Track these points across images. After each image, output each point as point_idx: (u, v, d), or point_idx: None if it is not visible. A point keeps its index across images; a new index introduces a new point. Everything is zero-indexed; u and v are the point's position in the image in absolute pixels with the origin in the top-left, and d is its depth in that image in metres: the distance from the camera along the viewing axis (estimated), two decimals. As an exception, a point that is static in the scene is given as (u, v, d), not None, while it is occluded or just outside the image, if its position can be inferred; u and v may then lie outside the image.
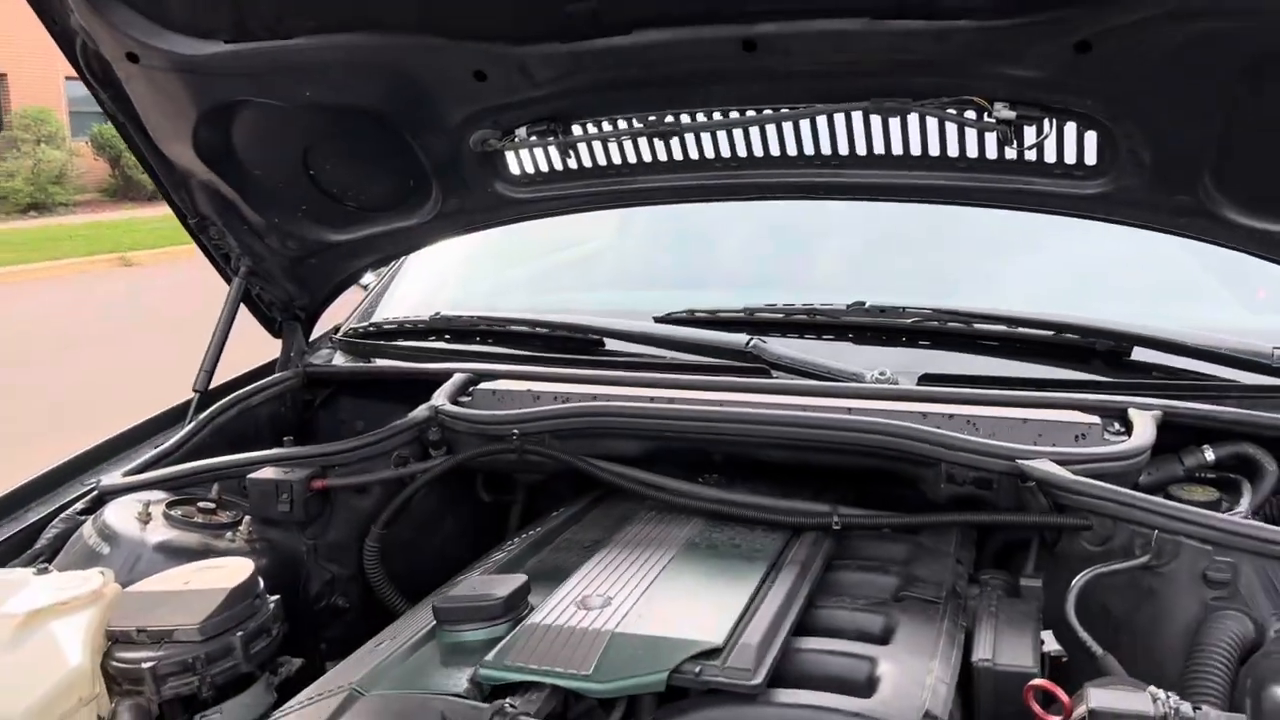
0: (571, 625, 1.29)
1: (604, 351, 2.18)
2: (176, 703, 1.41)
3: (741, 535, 1.61)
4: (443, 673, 1.27)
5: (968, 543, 1.65)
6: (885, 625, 1.38)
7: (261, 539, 1.74)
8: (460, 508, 2.05)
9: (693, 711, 1.21)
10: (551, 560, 1.60)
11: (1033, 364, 1.91)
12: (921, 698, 1.18)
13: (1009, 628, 1.36)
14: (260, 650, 1.46)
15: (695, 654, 1.21)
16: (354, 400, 2.33)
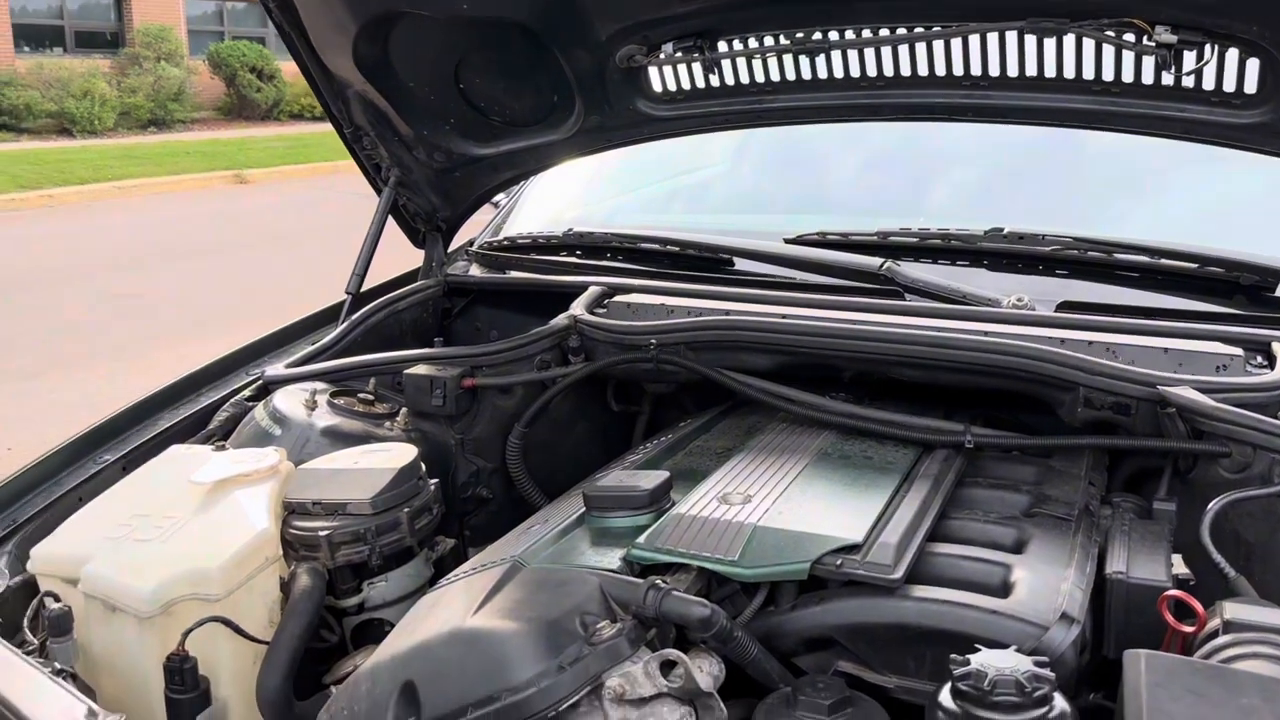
0: (715, 517, 1.37)
1: (734, 271, 2.23)
2: (347, 569, 1.54)
3: (873, 449, 1.66)
4: (594, 552, 1.36)
5: (1099, 467, 1.68)
6: (1018, 537, 1.42)
7: (416, 430, 1.86)
8: (592, 414, 2.14)
9: (833, 601, 1.28)
10: (685, 463, 1.68)
11: (1174, 296, 1.89)
12: (1058, 601, 1.22)
13: (1142, 545, 1.39)
14: (423, 527, 1.58)
15: (835, 549, 1.28)
16: (489, 310, 2.43)
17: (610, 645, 1.16)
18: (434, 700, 1.18)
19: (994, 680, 1.04)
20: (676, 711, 1.12)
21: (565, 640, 1.17)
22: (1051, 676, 1.05)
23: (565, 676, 1.13)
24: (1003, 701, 1.03)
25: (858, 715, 1.16)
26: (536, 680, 1.13)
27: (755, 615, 1.31)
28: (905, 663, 1.25)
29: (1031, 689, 1.03)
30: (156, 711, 1.37)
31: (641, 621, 1.21)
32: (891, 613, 1.24)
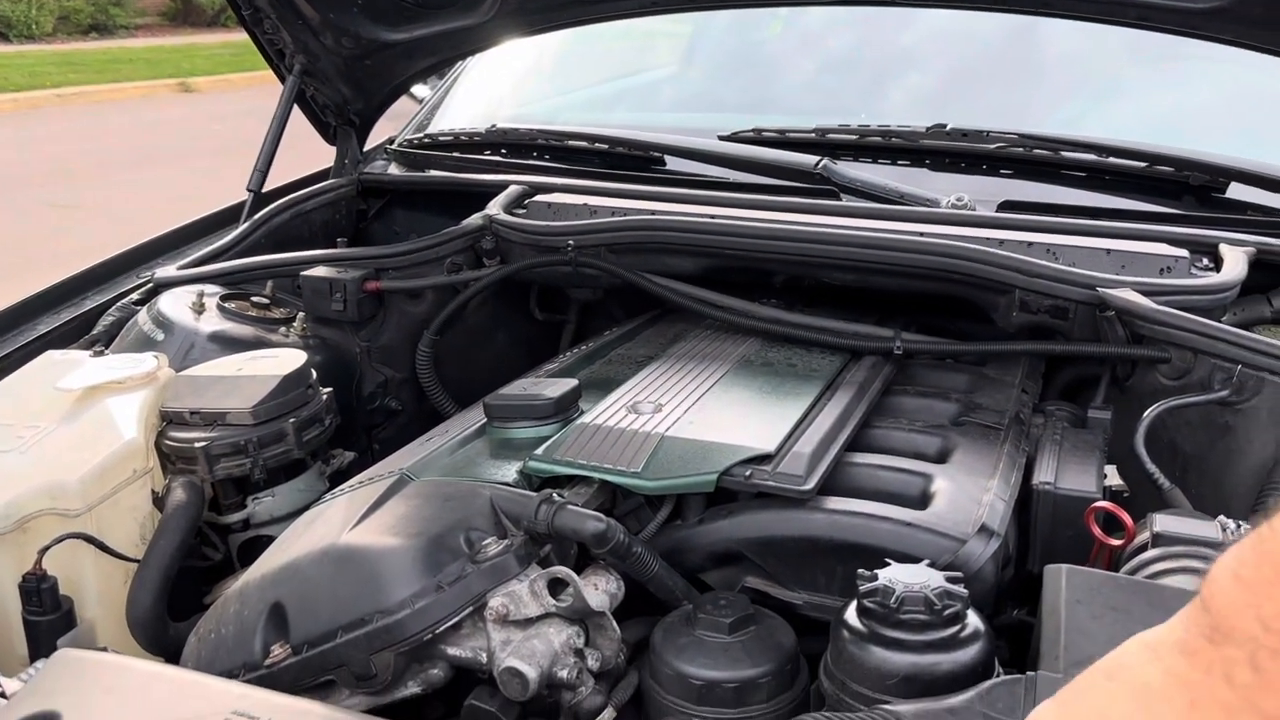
0: (622, 427, 1.27)
1: (665, 170, 2.10)
2: (229, 483, 1.43)
3: (799, 356, 1.57)
4: (492, 465, 1.26)
5: (1034, 374, 1.60)
6: (943, 446, 1.34)
7: (315, 336, 1.74)
8: (513, 323, 2.02)
9: (742, 514, 1.19)
10: (603, 372, 1.58)
11: (1121, 197, 1.80)
12: (977, 513, 1.15)
13: (1073, 455, 1.32)
14: (312, 438, 1.47)
15: (745, 459, 1.19)
16: (408, 212, 2.29)
17: (495, 563, 1.07)
18: (303, 622, 1.09)
19: (901, 597, 0.96)
20: (564, 632, 1.04)
21: (446, 558, 1.08)
22: (964, 593, 0.97)
23: (444, 596, 1.04)
24: (910, 620, 0.95)
25: (761, 633, 1.08)
26: (411, 601, 1.04)
27: (660, 530, 1.22)
28: (815, 578, 1.17)
29: (942, 606, 0.95)
30: (16, 635, 1.27)
31: (534, 538, 1.11)
32: (801, 526, 1.16)
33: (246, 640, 1.11)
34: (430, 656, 1.06)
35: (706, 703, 1.04)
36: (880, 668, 0.95)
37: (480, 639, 1.05)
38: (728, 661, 1.05)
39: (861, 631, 0.97)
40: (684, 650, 1.06)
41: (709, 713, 1.04)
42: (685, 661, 1.05)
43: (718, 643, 1.06)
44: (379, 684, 1.04)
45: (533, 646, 1.00)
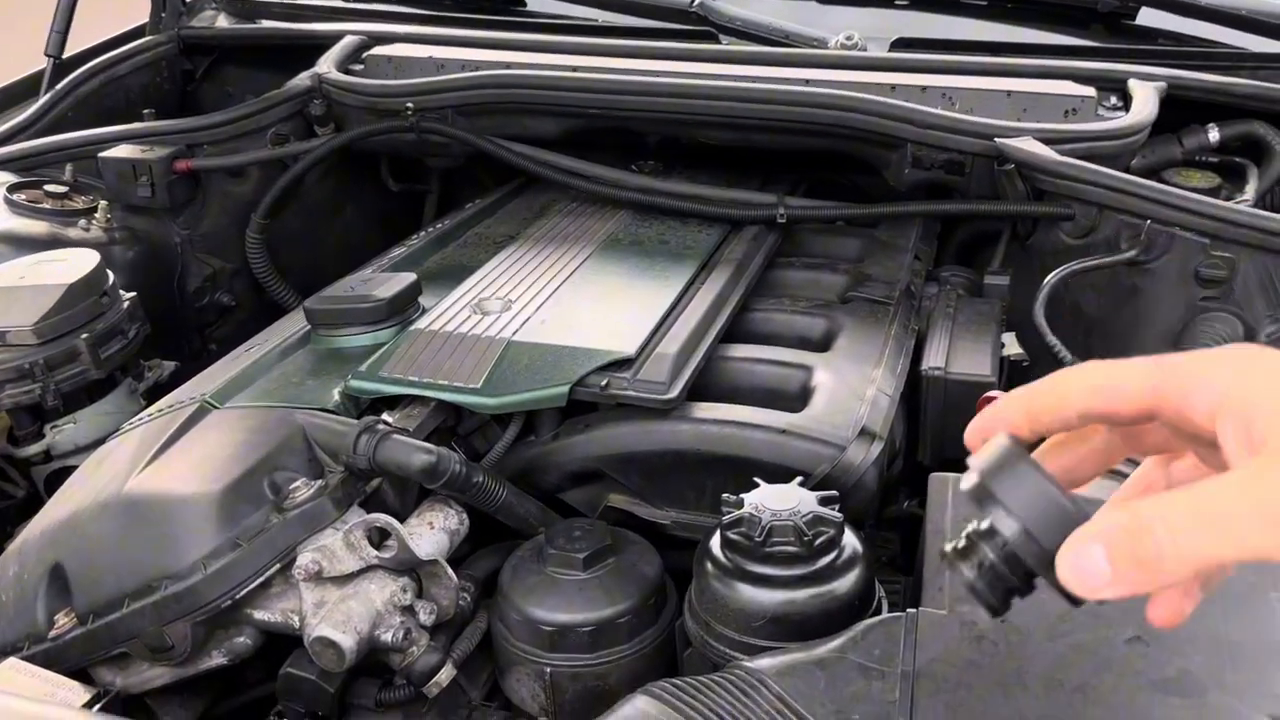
0: (462, 332, 1.11)
1: (524, 12, 1.86)
2: (22, 412, 1.24)
3: (672, 230, 1.40)
4: (314, 384, 1.09)
5: (929, 236, 1.46)
6: (827, 329, 1.21)
7: (123, 228, 1.51)
8: (364, 197, 1.81)
9: (600, 428, 1.05)
10: (455, 257, 1.39)
11: (1025, 27, 1.63)
12: (859, 411, 1.02)
13: (966, 332, 1.19)
14: (113, 354, 1.27)
15: (603, 365, 1.04)
16: (242, 70, 2.01)
17: (305, 510, 0.91)
18: (87, 588, 0.93)
19: (769, 527, 0.83)
20: (388, 588, 0.90)
21: (247, 508, 0.92)
22: (838, 518, 0.85)
23: (243, 555, 0.89)
24: (778, 553, 0.83)
25: (621, 565, 0.95)
26: (205, 563, 0.88)
27: (509, 450, 1.07)
28: (683, 494, 1.04)
29: (813, 535, 0.83)
30: None
31: (355, 474, 0.96)
32: (665, 439, 1.02)
33: (28, 608, 0.95)
34: (235, 623, 0.92)
35: (560, 649, 0.92)
36: (746, 608, 0.83)
37: (293, 599, 0.91)
38: (582, 602, 0.92)
39: (726, 567, 0.85)
40: (533, 591, 0.94)
41: (562, 660, 0.92)
42: (535, 604, 0.93)
43: (571, 581, 0.94)
44: (178, 656, 0.90)
45: (349, 610, 0.86)
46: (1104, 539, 0.46)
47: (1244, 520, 0.44)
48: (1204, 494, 0.45)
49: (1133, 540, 0.45)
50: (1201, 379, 0.49)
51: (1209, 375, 0.48)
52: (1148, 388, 0.50)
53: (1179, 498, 0.45)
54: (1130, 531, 0.45)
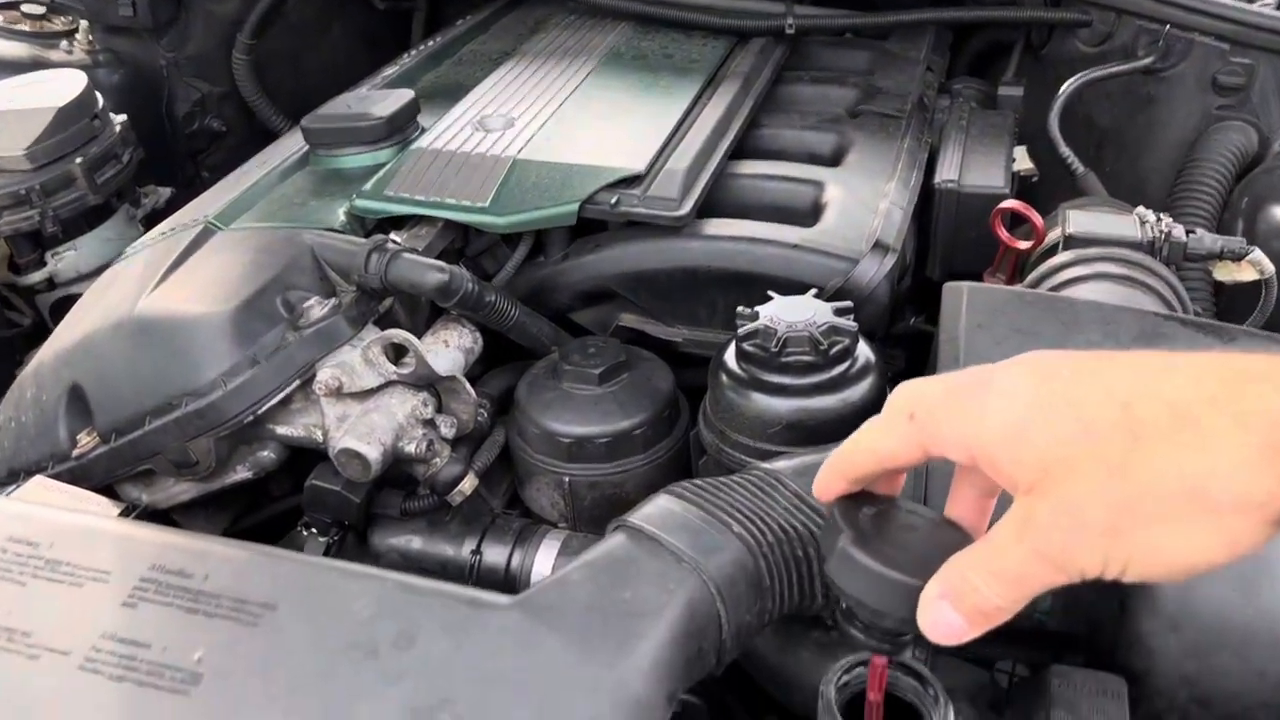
0: (466, 150, 1.08)
1: None
2: (22, 239, 1.23)
3: (676, 44, 1.36)
4: (316, 204, 1.07)
5: (942, 47, 1.41)
6: (838, 145, 1.19)
7: (106, 50, 1.45)
8: (350, 14, 1.73)
9: (610, 246, 1.04)
10: (451, 75, 1.35)
11: None
12: (872, 224, 1.01)
13: (979, 144, 1.17)
14: (109, 178, 1.25)
15: (612, 182, 1.02)
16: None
17: (321, 328, 0.91)
18: (107, 407, 0.94)
19: (784, 338, 0.84)
20: (408, 402, 0.91)
21: (262, 325, 0.92)
22: (853, 328, 0.85)
23: (261, 372, 0.89)
24: (794, 363, 0.84)
25: (635, 380, 0.97)
26: (224, 380, 0.89)
27: (519, 270, 1.07)
28: (695, 312, 1.05)
29: (828, 345, 0.84)
30: None
31: (368, 293, 0.96)
32: (677, 256, 1.02)
33: (50, 429, 0.97)
34: (258, 438, 0.93)
35: (577, 460, 0.94)
36: (761, 416, 0.84)
37: (314, 414, 0.92)
38: (598, 415, 0.94)
39: (741, 377, 0.86)
40: (550, 406, 0.95)
41: (580, 470, 0.94)
42: (552, 418, 0.94)
43: (587, 395, 0.95)
44: (203, 471, 0.92)
45: (372, 422, 0.88)
46: (948, 599, 0.52)
47: (1032, 568, 0.49)
48: (994, 551, 0.50)
49: (968, 598, 0.51)
50: (946, 435, 0.52)
51: (952, 429, 0.52)
52: (913, 445, 0.54)
53: (981, 555, 0.51)
54: (963, 592, 0.51)
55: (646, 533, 0.70)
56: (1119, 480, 0.46)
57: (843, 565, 0.57)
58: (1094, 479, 0.46)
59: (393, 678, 0.63)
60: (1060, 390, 0.49)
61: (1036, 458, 0.48)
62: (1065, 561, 0.48)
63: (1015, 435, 0.49)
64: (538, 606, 0.67)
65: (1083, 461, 0.47)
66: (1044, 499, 0.48)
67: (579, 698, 0.61)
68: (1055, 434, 0.48)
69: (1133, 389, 0.47)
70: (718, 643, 0.69)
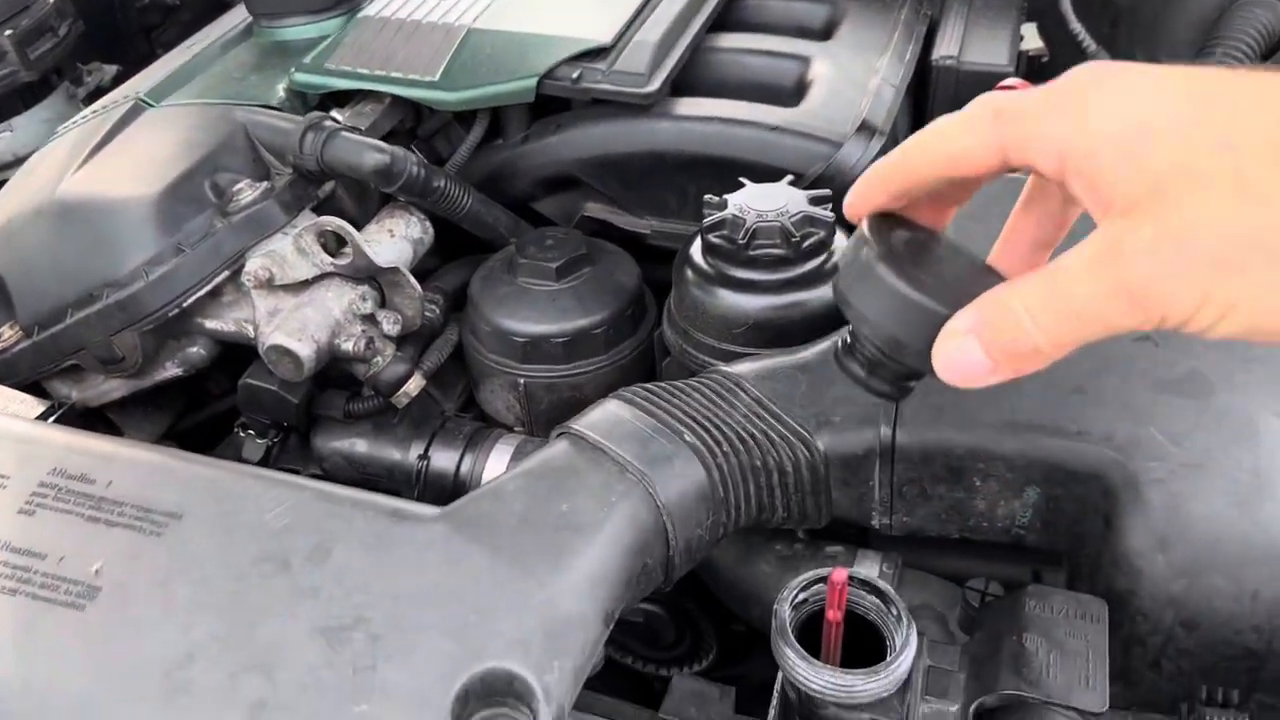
0: (416, 19, 0.99)
1: None
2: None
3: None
4: (257, 80, 0.99)
5: (948, -86, 1.29)
6: (829, 17, 1.09)
7: (42, -86, 1.34)
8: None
9: (573, 127, 0.96)
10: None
11: None
12: (860, 104, 0.92)
13: (983, 18, 1.07)
14: (44, 53, 1.16)
15: (575, 55, 0.93)
16: None
17: (251, 214, 0.84)
18: (28, 301, 0.87)
19: (753, 229, 0.76)
20: (346, 295, 0.84)
21: (189, 210, 0.85)
22: (830, 218, 0.78)
23: (186, 261, 0.82)
24: (763, 256, 0.77)
25: (597, 275, 0.89)
26: (147, 269, 0.82)
27: (475, 153, 0.98)
28: (665, 201, 0.97)
29: (801, 237, 0.77)
30: None
31: (305, 176, 0.88)
32: (645, 138, 0.93)
33: (-32, 318, 0.91)
34: (186, 333, 0.87)
35: (533, 360, 0.88)
36: (727, 315, 0.78)
37: (245, 308, 0.85)
38: (556, 313, 0.87)
39: (706, 273, 0.79)
40: (504, 302, 0.88)
41: (536, 371, 0.88)
42: (506, 315, 0.88)
43: (544, 291, 0.88)
44: (130, 367, 0.86)
45: (304, 317, 0.81)
46: (977, 333, 0.44)
47: (1103, 304, 0.40)
48: (1061, 280, 0.42)
49: (1004, 334, 0.43)
50: (1039, 135, 0.43)
51: (1046, 128, 0.43)
52: (993, 148, 0.45)
53: (1038, 285, 0.43)
54: (999, 326, 0.44)
55: (590, 440, 0.64)
56: (1255, 206, 0.37)
57: (862, 279, 0.48)
58: (1221, 201, 0.38)
59: (305, 593, 0.58)
60: (1200, 93, 0.39)
61: (1153, 169, 0.39)
62: (1152, 297, 0.39)
63: (1134, 138, 0.39)
64: (466, 519, 0.62)
65: (1215, 179, 0.38)
66: (1147, 221, 0.39)
67: (506, 617, 0.56)
68: (1189, 139, 0.38)
69: (1269, 95, 0.38)
70: (665, 559, 0.63)
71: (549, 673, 0.54)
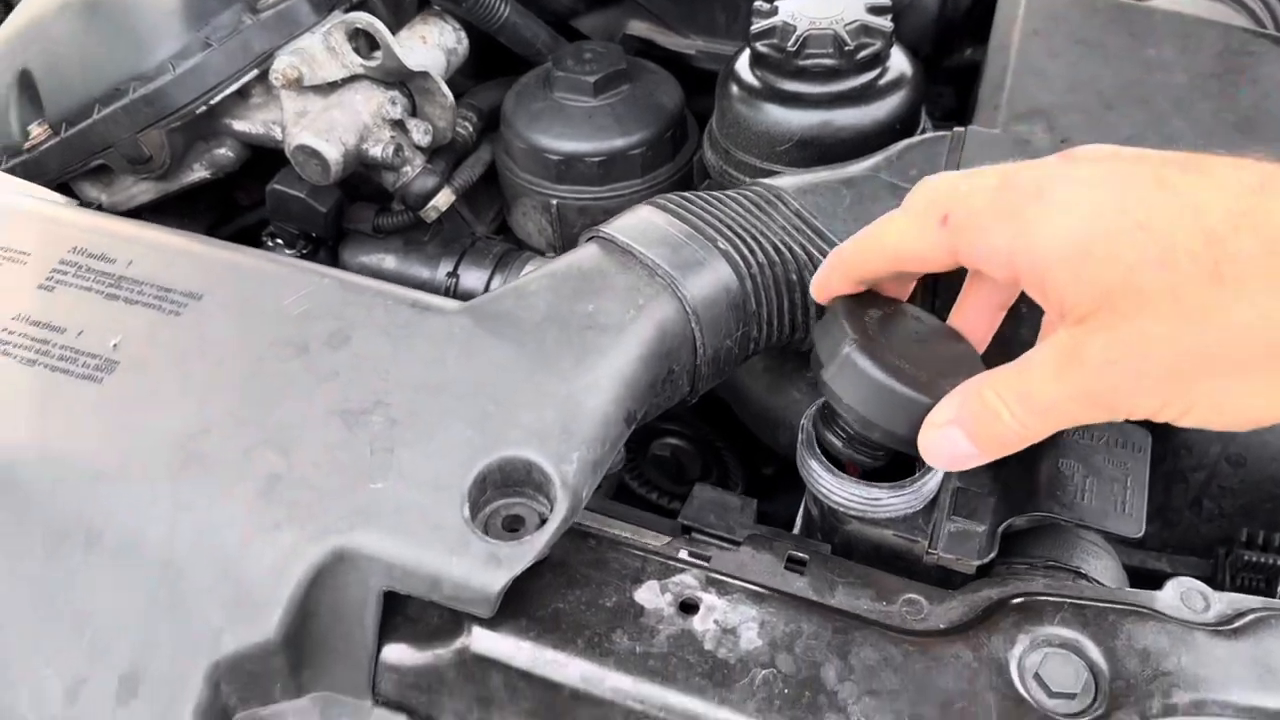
0: None
1: None
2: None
3: None
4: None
5: None
6: None
7: None
8: None
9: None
10: None
11: None
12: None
13: None
14: None
15: None
16: None
17: (280, 10, 0.81)
18: (56, 97, 0.85)
19: (804, 37, 0.72)
20: (375, 97, 0.81)
21: (215, 3, 0.81)
22: (887, 28, 0.73)
23: (214, 56, 0.80)
24: (813, 67, 0.72)
25: (636, 94, 0.86)
26: (173, 62, 0.79)
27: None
28: (714, 19, 0.92)
29: (856, 47, 0.72)
30: None
31: (336, -27, 0.84)
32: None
33: (1, 119, 0.89)
34: (214, 134, 0.84)
35: (567, 181, 0.85)
36: (771, 130, 0.74)
37: (274, 109, 0.83)
38: (591, 130, 0.84)
39: (753, 86, 0.75)
40: (538, 118, 0.85)
41: (569, 192, 0.85)
42: (540, 132, 0.84)
43: (580, 108, 0.84)
44: (158, 167, 0.84)
45: (332, 119, 0.78)
46: (960, 425, 0.47)
47: (1070, 404, 0.44)
48: (1031, 379, 0.45)
49: (984, 425, 0.46)
50: (986, 246, 0.45)
51: (993, 240, 0.45)
52: (944, 251, 0.47)
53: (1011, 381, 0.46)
54: (980, 419, 0.47)
55: (620, 243, 0.62)
56: (1196, 324, 0.40)
57: (843, 372, 0.50)
58: (1166, 319, 0.40)
59: (323, 376, 0.57)
60: (1138, 206, 0.41)
61: (1100, 285, 0.41)
62: (1115, 403, 0.43)
63: (1078, 255, 0.42)
64: (489, 314, 0.60)
65: (1155, 297, 0.40)
66: (1101, 333, 0.42)
67: (525, 409, 0.55)
68: (1126, 260, 0.40)
69: (1225, 215, 0.39)
70: (691, 367, 0.61)
71: (567, 463, 0.53)
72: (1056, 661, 0.50)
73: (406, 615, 0.53)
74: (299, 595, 0.50)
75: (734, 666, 0.50)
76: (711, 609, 0.53)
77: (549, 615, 0.53)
